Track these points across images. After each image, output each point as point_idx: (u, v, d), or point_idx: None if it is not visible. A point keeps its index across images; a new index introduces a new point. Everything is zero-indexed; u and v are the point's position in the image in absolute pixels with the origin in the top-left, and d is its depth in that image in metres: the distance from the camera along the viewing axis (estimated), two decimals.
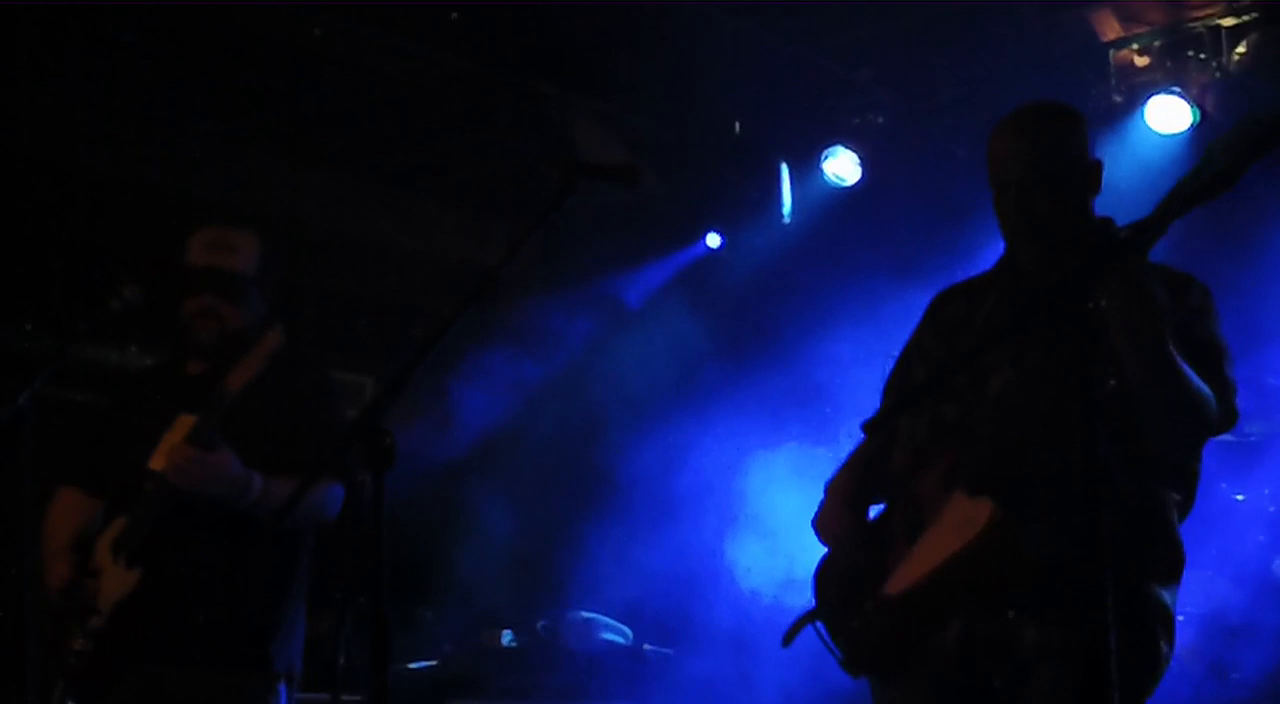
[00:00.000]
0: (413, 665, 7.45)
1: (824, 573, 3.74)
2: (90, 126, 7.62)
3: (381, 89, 7.77)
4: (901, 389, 3.89)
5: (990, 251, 3.85)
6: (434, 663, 7.50)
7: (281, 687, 4.42)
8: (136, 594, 4.30)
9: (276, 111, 7.90)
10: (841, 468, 3.85)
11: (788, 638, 3.68)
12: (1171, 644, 3.51)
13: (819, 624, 3.64)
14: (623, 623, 7.53)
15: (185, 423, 4.30)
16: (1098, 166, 3.66)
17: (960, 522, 3.25)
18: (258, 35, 7.11)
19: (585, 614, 7.46)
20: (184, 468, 4.21)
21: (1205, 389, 3.34)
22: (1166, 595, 3.48)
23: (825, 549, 3.76)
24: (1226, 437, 6.54)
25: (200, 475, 4.21)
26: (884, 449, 3.78)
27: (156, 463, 4.31)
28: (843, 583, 3.61)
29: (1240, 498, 6.63)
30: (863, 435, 3.83)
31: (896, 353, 4.00)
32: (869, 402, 4.27)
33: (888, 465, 3.73)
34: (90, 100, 7.52)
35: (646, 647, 7.41)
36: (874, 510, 3.77)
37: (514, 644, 7.49)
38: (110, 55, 7.13)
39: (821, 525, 3.76)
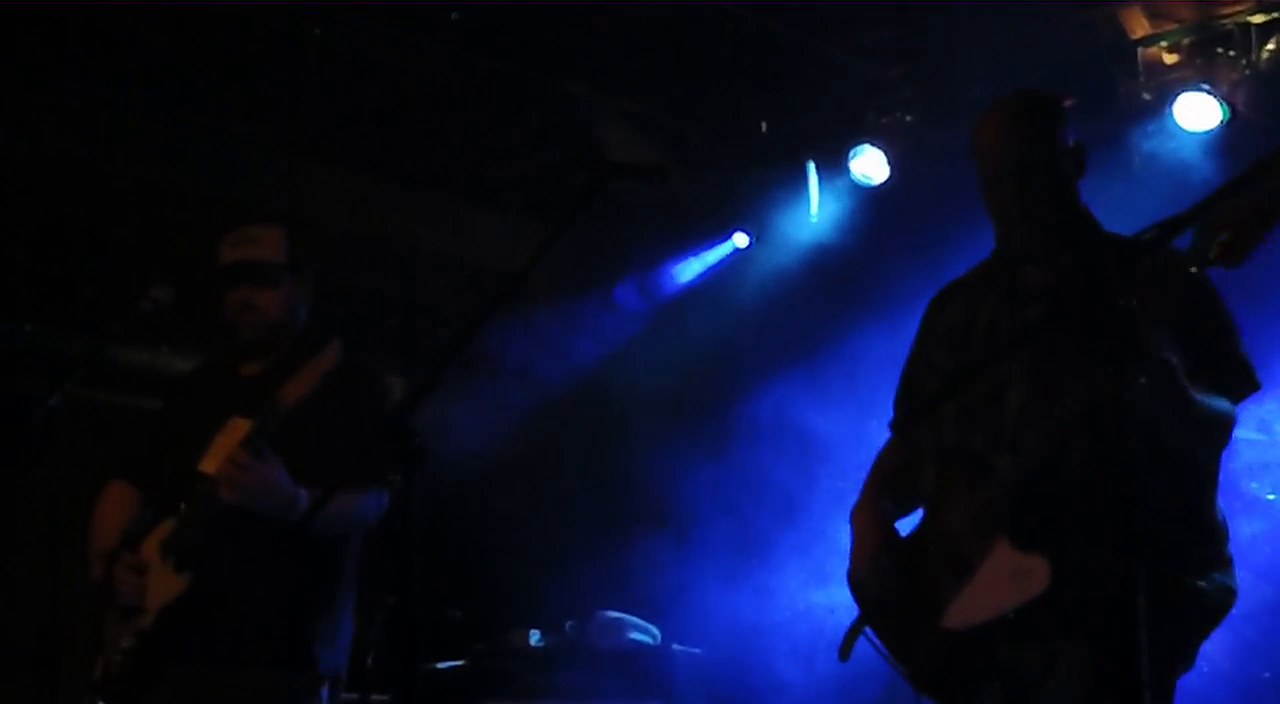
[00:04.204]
0: (441, 665, 7.46)
1: (863, 586, 3.81)
2: (121, 128, 7.64)
3: (411, 89, 7.78)
4: (916, 402, 3.95)
5: None
6: (462, 663, 7.51)
7: (325, 689, 4.43)
8: (185, 597, 4.29)
9: (301, 112, 7.92)
10: (869, 479, 3.95)
11: (844, 651, 3.80)
12: (1204, 632, 3.57)
13: (868, 631, 3.76)
14: (650, 622, 7.53)
15: (237, 426, 4.28)
16: (1082, 150, 3.75)
17: (1013, 571, 3.43)
18: (287, 37, 7.12)
19: (613, 614, 7.46)
20: (235, 474, 4.18)
21: (1217, 405, 3.47)
22: (1203, 583, 3.52)
23: (852, 551, 3.85)
24: (1258, 436, 6.54)
25: (250, 483, 4.18)
26: (911, 460, 3.88)
27: (208, 465, 4.30)
28: (893, 607, 3.72)
29: (1271, 497, 6.61)
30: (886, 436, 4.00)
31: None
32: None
33: (917, 477, 3.83)
34: (121, 102, 7.54)
35: (675, 646, 7.41)
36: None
37: (542, 644, 7.49)
38: (143, 57, 7.15)
39: (854, 524, 3.87)
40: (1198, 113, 6.93)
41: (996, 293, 3.78)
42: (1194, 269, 3.47)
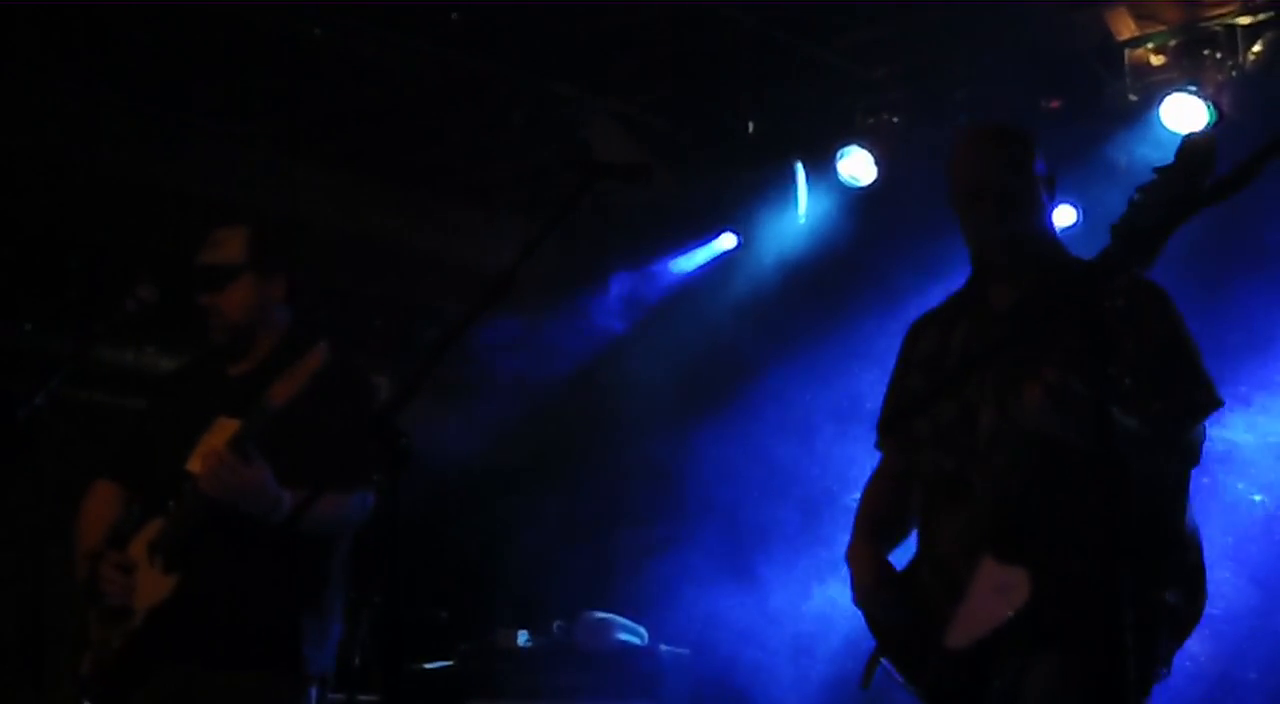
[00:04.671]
0: (428, 666, 7.46)
1: (872, 620, 3.93)
2: (109, 128, 7.62)
3: (397, 90, 7.78)
4: (900, 432, 4.03)
5: None
6: (450, 663, 7.50)
7: (313, 690, 4.42)
8: (173, 598, 4.29)
9: (292, 113, 7.91)
10: (858, 516, 4.07)
11: (866, 679, 3.92)
12: (1173, 643, 3.65)
13: (885, 662, 3.88)
14: (638, 623, 7.53)
15: (224, 426, 4.28)
16: (1054, 179, 3.89)
17: (999, 585, 3.56)
18: (274, 36, 7.11)
19: (600, 614, 7.46)
20: (219, 474, 4.18)
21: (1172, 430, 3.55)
22: (1170, 596, 3.59)
23: (853, 590, 3.96)
24: (1246, 437, 6.55)
25: (234, 484, 4.18)
26: (895, 492, 4.03)
27: (195, 465, 4.30)
28: (901, 635, 3.83)
29: (1259, 498, 6.62)
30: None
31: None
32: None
33: (905, 507, 3.98)
34: (109, 102, 7.53)
35: (663, 647, 7.41)
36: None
37: (530, 644, 7.49)
38: (130, 56, 7.14)
39: (850, 564, 3.98)
40: (1184, 114, 6.93)
41: (967, 318, 3.92)
42: (1150, 286, 3.63)
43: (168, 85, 7.42)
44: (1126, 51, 7.22)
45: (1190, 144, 2.75)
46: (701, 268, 8.90)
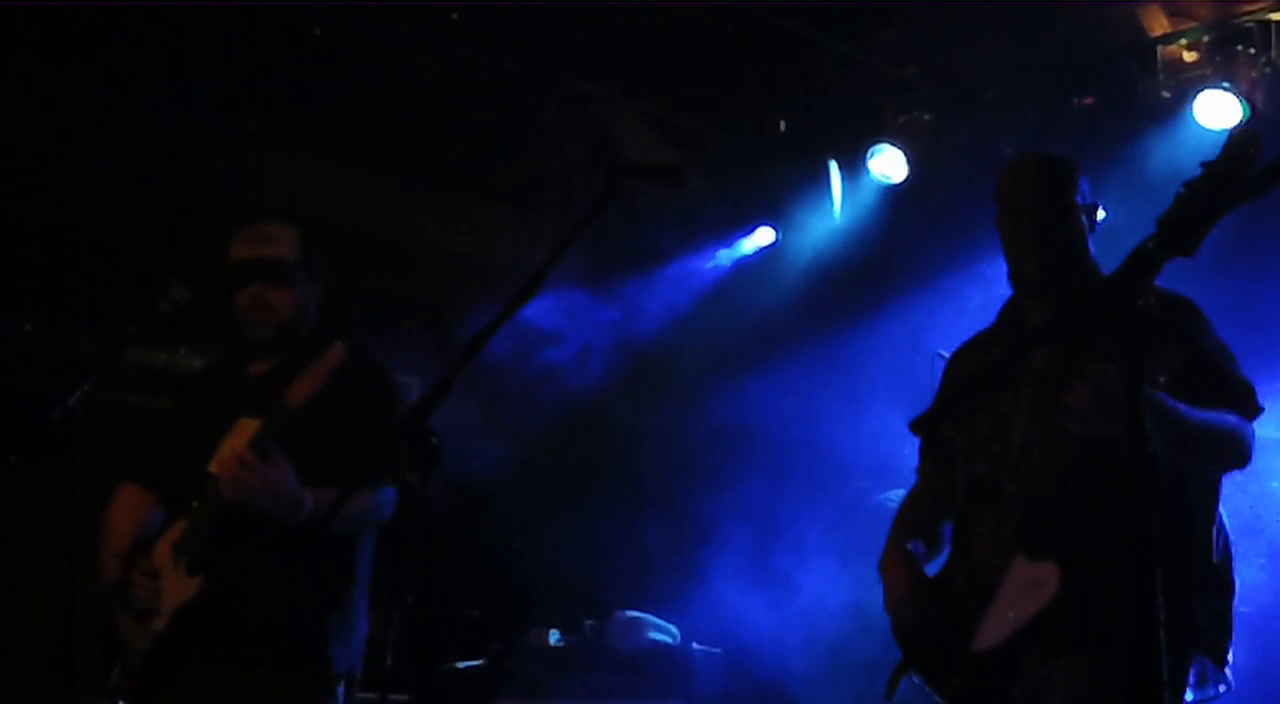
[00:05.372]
0: (460, 665, 7.46)
1: (903, 630, 3.96)
2: (140, 131, 7.65)
3: (427, 90, 7.79)
4: (938, 450, 4.10)
5: None
6: (481, 662, 7.51)
7: (340, 688, 4.43)
8: (198, 599, 4.30)
9: (322, 114, 7.93)
10: (893, 527, 4.12)
11: (890, 691, 3.95)
12: (1212, 656, 3.72)
13: (913, 675, 3.92)
14: (670, 622, 7.53)
15: (246, 426, 4.28)
16: (1094, 209, 3.98)
17: (1029, 583, 3.60)
18: (304, 38, 7.13)
19: (632, 613, 7.46)
20: (240, 475, 4.19)
21: (1223, 420, 3.58)
22: (1201, 608, 3.63)
23: (886, 598, 4.00)
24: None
25: (254, 484, 4.18)
26: (933, 503, 4.09)
27: (216, 466, 4.30)
28: (932, 642, 3.86)
29: None
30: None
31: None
32: (916, 400, 4.30)
33: (941, 518, 4.04)
34: (139, 104, 7.55)
35: (694, 646, 7.41)
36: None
37: (561, 644, 7.50)
38: (158, 59, 7.16)
39: (882, 574, 4.03)
40: (1218, 111, 6.91)
41: (1005, 338, 4.02)
42: (1180, 299, 3.71)
43: (183, 83, 7.42)
44: (1159, 48, 7.20)
45: (1236, 138, 2.75)
46: (737, 263, 8.88)
